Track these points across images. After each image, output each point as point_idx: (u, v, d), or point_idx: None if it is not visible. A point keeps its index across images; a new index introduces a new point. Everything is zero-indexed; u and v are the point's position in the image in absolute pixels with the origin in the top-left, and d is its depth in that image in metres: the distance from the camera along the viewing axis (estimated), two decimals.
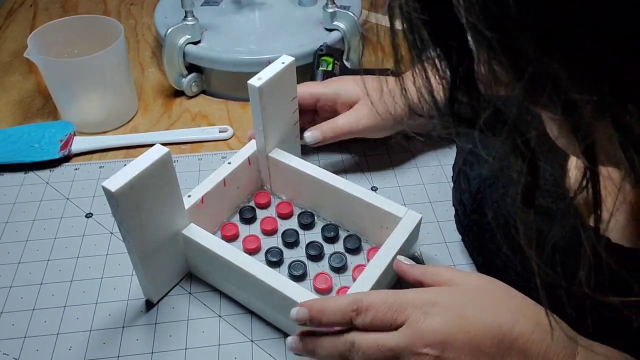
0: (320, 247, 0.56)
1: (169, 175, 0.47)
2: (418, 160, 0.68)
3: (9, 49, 0.92)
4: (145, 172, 0.44)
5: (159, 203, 0.47)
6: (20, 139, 0.71)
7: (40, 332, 0.51)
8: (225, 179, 0.57)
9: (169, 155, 0.46)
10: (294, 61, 0.56)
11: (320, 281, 0.53)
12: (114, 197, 0.42)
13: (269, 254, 0.56)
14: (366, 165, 0.68)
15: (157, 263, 0.51)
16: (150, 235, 0.48)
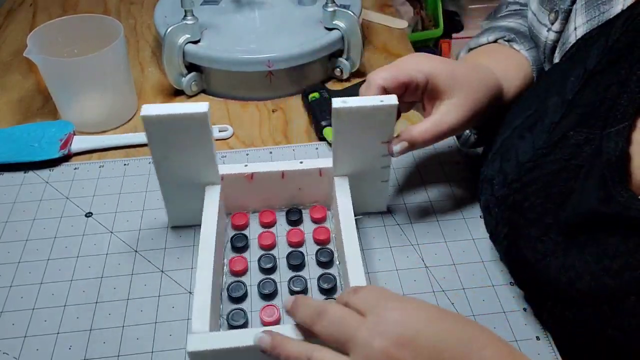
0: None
1: (202, 130, 0.51)
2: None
3: (9, 48, 0.92)
4: (177, 115, 0.49)
5: (189, 151, 0.52)
6: (20, 138, 0.70)
7: (40, 331, 0.51)
8: (285, 172, 0.57)
9: (205, 114, 0.49)
10: (394, 105, 0.50)
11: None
12: (143, 121, 0.49)
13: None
14: None
15: (179, 200, 0.56)
16: (174, 173, 0.54)
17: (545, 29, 0.56)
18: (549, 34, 0.56)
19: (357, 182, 0.57)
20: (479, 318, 0.51)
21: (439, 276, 0.55)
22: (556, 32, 0.55)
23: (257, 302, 0.53)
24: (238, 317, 0.51)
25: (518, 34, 0.62)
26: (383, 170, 0.55)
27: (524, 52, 0.61)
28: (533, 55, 0.61)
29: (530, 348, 0.49)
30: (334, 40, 0.78)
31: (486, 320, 0.51)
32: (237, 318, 0.51)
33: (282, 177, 0.58)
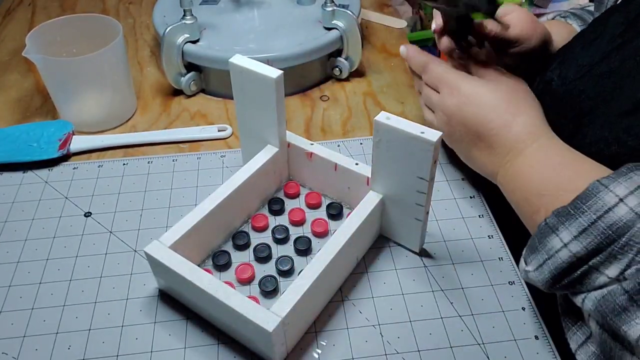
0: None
1: (269, 92, 0.55)
2: None
3: (8, 47, 0.92)
4: (252, 72, 0.55)
5: (257, 106, 0.58)
6: (19, 138, 0.70)
7: (39, 331, 0.51)
8: (337, 166, 0.59)
9: (272, 80, 0.54)
10: (432, 143, 0.48)
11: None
12: (230, 67, 0.56)
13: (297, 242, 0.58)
14: None
15: (250, 143, 0.62)
16: (247, 121, 0.61)
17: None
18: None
19: (392, 207, 0.55)
20: (477, 317, 0.51)
21: (437, 275, 0.55)
22: None
23: (242, 258, 0.57)
24: (222, 259, 0.56)
25: (572, 14, 0.71)
26: (417, 207, 0.52)
27: (576, 27, 0.69)
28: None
29: (529, 347, 0.49)
30: (333, 40, 0.78)
31: (485, 319, 0.51)
32: (220, 260, 0.56)
33: (335, 170, 0.59)
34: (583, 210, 0.42)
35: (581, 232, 0.41)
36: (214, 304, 0.47)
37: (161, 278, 0.53)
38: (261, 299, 0.53)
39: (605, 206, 0.41)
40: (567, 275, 0.42)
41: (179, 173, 0.67)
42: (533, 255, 0.45)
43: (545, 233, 0.44)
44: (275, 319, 0.44)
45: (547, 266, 0.44)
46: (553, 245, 0.43)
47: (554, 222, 0.43)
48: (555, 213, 0.44)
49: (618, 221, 0.40)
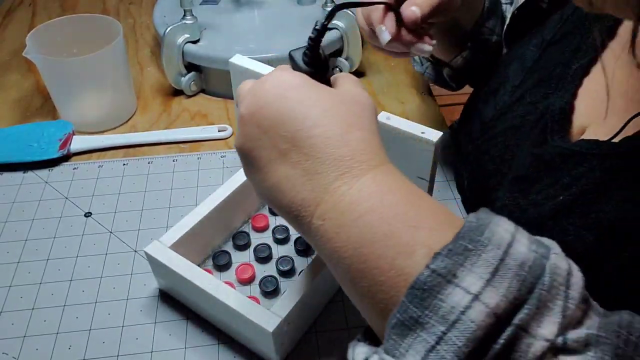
0: None
1: None
2: None
3: (8, 48, 0.92)
4: (247, 71, 0.54)
5: None
6: (19, 138, 0.70)
7: (40, 331, 0.51)
8: None
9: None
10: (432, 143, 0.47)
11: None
12: (230, 66, 0.56)
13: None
14: None
15: None
16: None
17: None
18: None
19: None
20: None
21: None
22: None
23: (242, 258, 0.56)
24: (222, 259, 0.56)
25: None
26: None
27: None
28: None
29: None
30: (333, 39, 0.78)
31: None
32: (220, 260, 0.56)
33: None
34: (484, 244, 0.29)
35: (492, 273, 0.28)
36: (214, 304, 0.47)
37: (161, 278, 0.53)
38: (261, 299, 0.53)
39: (504, 240, 0.29)
40: (484, 351, 0.27)
41: (179, 173, 0.67)
42: (412, 335, 0.28)
43: (434, 288, 0.28)
44: (275, 319, 0.44)
45: (447, 345, 0.27)
46: (454, 304, 0.27)
47: (447, 266, 0.28)
48: (444, 252, 0.29)
49: (526, 260, 0.28)
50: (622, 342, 0.26)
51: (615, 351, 0.26)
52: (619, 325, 0.27)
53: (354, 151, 0.34)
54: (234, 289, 0.47)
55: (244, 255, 0.57)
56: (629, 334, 0.27)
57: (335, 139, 0.35)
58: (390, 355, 0.28)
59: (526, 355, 0.26)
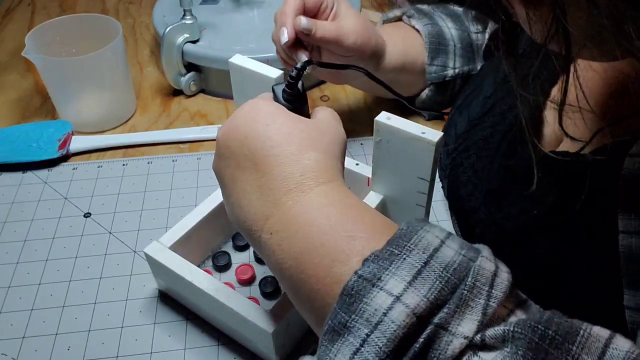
0: None
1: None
2: None
3: (7, 47, 0.92)
4: (251, 71, 0.54)
5: None
6: (19, 138, 0.70)
7: (39, 332, 0.51)
8: None
9: (272, 80, 0.51)
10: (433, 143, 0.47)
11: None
12: (230, 66, 0.55)
13: None
14: None
15: None
16: None
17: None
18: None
19: (392, 208, 0.55)
20: None
21: None
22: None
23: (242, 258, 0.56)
24: (222, 259, 0.56)
25: (418, 12, 0.70)
26: (418, 207, 0.51)
27: (419, 27, 0.68)
28: (429, 30, 0.68)
29: None
30: None
31: None
32: (220, 260, 0.56)
33: None
34: (409, 248, 0.30)
35: (415, 275, 0.29)
36: (214, 305, 0.47)
37: (161, 279, 0.53)
38: (261, 300, 0.53)
39: (431, 245, 0.31)
40: (404, 350, 0.28)
41: (179, 173, 0.67)
42: (340, 339, 0.29)
43: (360, 292, 0.29)
44: (275, 319, 0.44)
45: (370, 347, 0.28)
46: (377, 306, 0.28)
47: (373, 271, 0.30)
48: (371, 258, 0.30)
49: (451, 262, 0.30)
50: (537, 337, 0.27)
51: (529, 345, 0.27)
52: (538, 321, 0.27)
53: (305, 169, 0.37)
54: (234, 289, 0.47)
55: (244, 256, 0.57)
56: (547, 329, 0.27)
57: (289, 157, 0.37)
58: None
59: (445, 353, 0.27)
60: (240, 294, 0.46)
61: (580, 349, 0.27)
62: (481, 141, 0.54)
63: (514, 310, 0.30)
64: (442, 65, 0.69)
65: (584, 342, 0.27)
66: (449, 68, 0.69)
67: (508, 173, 0.49)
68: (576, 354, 0.27)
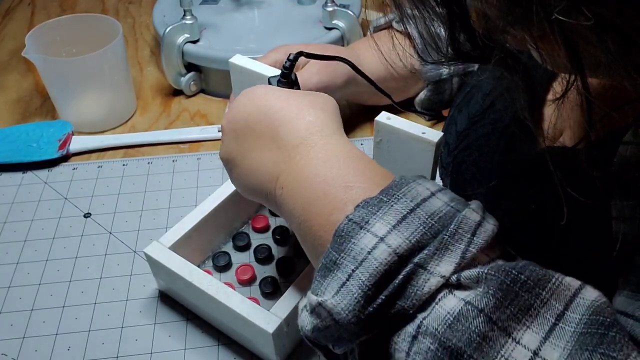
0: None
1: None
2: None
3: (7, 47, 0.92)
4: (250, 71, 0.54)
5: None
6: (19, 138, 0.70)
7: (39, 332, 0.51)
8: None
9: (266, 78, 0.52)
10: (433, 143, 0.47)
11: None
12: (230, 66, 0.56)
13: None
14: None
15: None
16: None
17: None
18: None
19: None
20: None
21: None
22: None
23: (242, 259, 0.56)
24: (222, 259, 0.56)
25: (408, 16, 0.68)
26: None
27: (409, 30, 0.67)
28: (419, 32, 0.67)
29: None
30: (333, 40, 0.78)
31: None
32: (220, 260, 0.56)
33: None
34: (398, 197, 0.33)
35: (400, 220, 0.32)
36: (214, 305, 0.47)
37: (161, 279, 0.53)
38: (261, 300, 0.53)
39: (420, 195, 0.33)
40: (385, 285, 0.30)
41: (179, 174, 0.67)
42: (330, 275, 0.32)
43: (349, 234, 0.32)
44: (275, 320, 0.44)
45: (355, 280, 0.31)
46: (363, 246, 0.31)
47: (362, 215, 0.33)
48: (362, 204, 0.33)
49: (438, 211, 0.32)
50: (509, 279, 0.29)
51: (500, 286, 0.28)
52: (513, 267, 0.29)
53: (308, 125, 0.40)
54: (234, 290, 0.47)
55: (244, 256, 0.57)
56: (519, 273, 0.29)
57: (292, 117, 0.41)
58: (314, 294, 0.32)
59: (422, 289, 0.30)
60: (240, 294, 0.46)
61: (549, 294, 0.29)
62: (482, 138, 0.54)
63: (495, 260, 0.32)
64: None
65: (554, 289, 0.29)
66: (444, 66, 0.69)
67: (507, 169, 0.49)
68: (545, 299, 0.29)
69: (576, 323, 0.28)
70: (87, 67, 0.69)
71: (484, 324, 0.28)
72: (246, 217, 0.60)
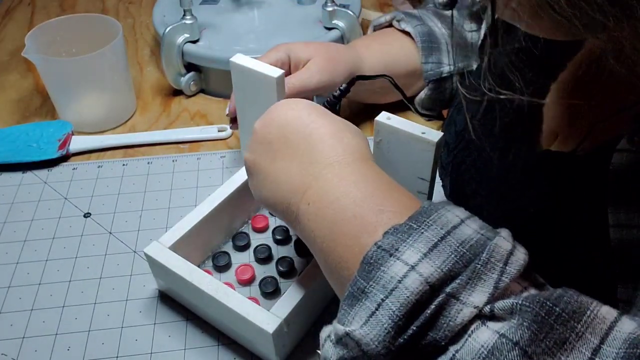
0: None
1: (270, 91, 0.54)
2: None
3: (7, 47, 0.92)
4: (252, 70, 0.54)
5: (258, 105, 0.54)
6: (18, 138, 0.70)
7: (39, 332, 0.51)
8: None
9: (273, 79, 0.52)
10: (433, 143, 0.48)
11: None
12: (231, 65, 0.56)
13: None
14: None
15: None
16: (248, 120, 0.59)
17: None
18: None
19: None
20: None
21: None
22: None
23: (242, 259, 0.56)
24: (222, 259, 0.56)
25: (407, 16, 0.70)
26: None
27: (409, 29, 0.69)
28: (419, 30, 0.69)
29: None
30: (333, 39, 0.78)
31: None
32: (220, 260, 0.55)
33: None
34: (428, 224, 0.32)
35: (431, 248, 0.31)
36: (214, 305, 0.47)
37: (161, 279, 0.53)
38: (261, 300, 0.53)
39: (450, 223, 0.32)
40: (416, 315, 0.29)
41: (179, 174, 0.67)
42: (358, 304, 0.31)
43: (378, 261, 0.31)
44: (275, 320, 0.44)
45: (384, 310, 0.29)
46: (393, 274, 0.30)
47: (392, 242, 0.32)
48: (391, 231, 0.33)
49: (468, 239, 0.31)
50: (544, 311, 0.28)
51: (535, 318, 0.28)
52: (547, 297, 0.28)
53: (345, 146, 0.40)
54: (234, 289, 0.47)
55: (244, 256, 0.57)
56: (554, 305, 0.28)
57: (331, 135, 0.41)
58: (341, 324, 0.32)
59: (455, 320, 0.29)
60: (240, 294, 0.46)
61: (585, 328, 0.28)
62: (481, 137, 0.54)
63: (527, 288, 0.31)
64: (437, 62, 0.69)
65: (590, 322, 0.28)
66: (445, 65, 0.70)
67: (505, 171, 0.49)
68: (580, 332, 0.28)
69: (613, 358, 0.27)
70: (87, 67, 0.69)
71: (519, 357, 0.27)
72: (246, 217, 0.60)
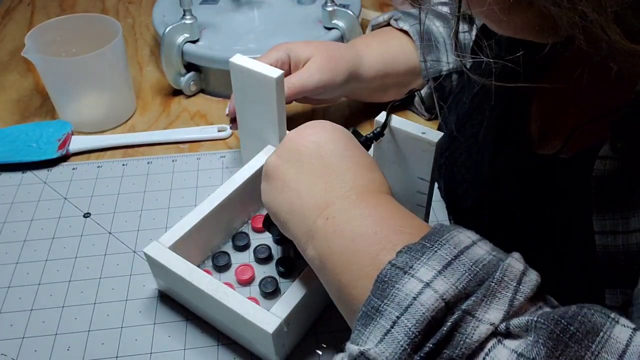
0: None
1: (269, 92, 0.54)
2: None
3: (7, 47, 0.92)
4: (251, 71, 0.54)
5: (257, 106, 0.56)
6: (18, 138, 0.70)
7: (39, 332, 0.51)
8: None
9: (273, 80, 0.53)
10: (433, 143, 0.48)
11: None
12: (230, 66, 0.56)
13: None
14: None
15: (250, 143, 0.62)
16: (247, 120, 0.60)
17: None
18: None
19: None
20: None
21: None
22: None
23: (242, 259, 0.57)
24: (222, 259, 0.55)
25: (406, 14, 0.71)
26: (418, 208, 0.52)
27: (407, 28, 0.70)
28: (417, 29, 0.70)
29: None
30: (333, 39, 0.78)
31: None
32: (220, 260, 0.55)
33: None
34: (441, 243, 0.32)
35: (445, 266, 0.31)
36: (214, 305, 0.47)
37: (161, 279, 0.53)
38: (261, 300, 0.53)
39: (462, 243, 0.33)
40: (432, 332, 0.29)
41: (179, 173, 0.67)
42: (372, 323, 0.31)
43: (392, 279, 0.31)
44: (275, 320, 0.44)
45: (400, 327, 0.29)
46: (408, 292, 0.30)
47: (406, 260, 0.32)
48: (404, 250, 0.33)
49: (481, 259, 0.32)
50: (559, 329, 0.28)
51: (550, 335, 0.28)
52: (562, 315, 0.28)
53: (373, 178, 0.42)
54: (234, 290, 0.47)
55: (244, 256, 0.57)
56: (569, 324, 0.28)
57: (364, 165, 0.42)
58: (355, 344, 0.31)
59: (471, 337, 0.29)
60: (240, 294, 0.46)
61: (600, 347, 0.28)
62: (471, 138, 0.54)
63: (542, 308, 0.31)
64: (436, 60, 0.70)
65: (604, 343, 0.28)
66: (444, 62, 0.70)
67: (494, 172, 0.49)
68: (596, 351, 0.28)
69: None
70: (87, 67, 0.69)
71: None
72: (246, 217, 0.60)
